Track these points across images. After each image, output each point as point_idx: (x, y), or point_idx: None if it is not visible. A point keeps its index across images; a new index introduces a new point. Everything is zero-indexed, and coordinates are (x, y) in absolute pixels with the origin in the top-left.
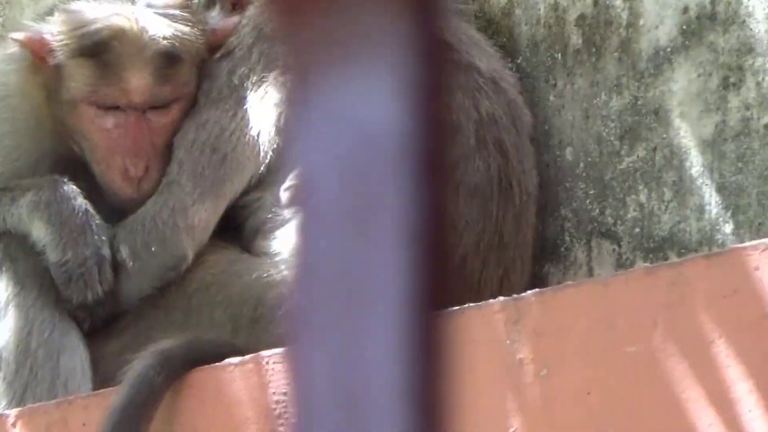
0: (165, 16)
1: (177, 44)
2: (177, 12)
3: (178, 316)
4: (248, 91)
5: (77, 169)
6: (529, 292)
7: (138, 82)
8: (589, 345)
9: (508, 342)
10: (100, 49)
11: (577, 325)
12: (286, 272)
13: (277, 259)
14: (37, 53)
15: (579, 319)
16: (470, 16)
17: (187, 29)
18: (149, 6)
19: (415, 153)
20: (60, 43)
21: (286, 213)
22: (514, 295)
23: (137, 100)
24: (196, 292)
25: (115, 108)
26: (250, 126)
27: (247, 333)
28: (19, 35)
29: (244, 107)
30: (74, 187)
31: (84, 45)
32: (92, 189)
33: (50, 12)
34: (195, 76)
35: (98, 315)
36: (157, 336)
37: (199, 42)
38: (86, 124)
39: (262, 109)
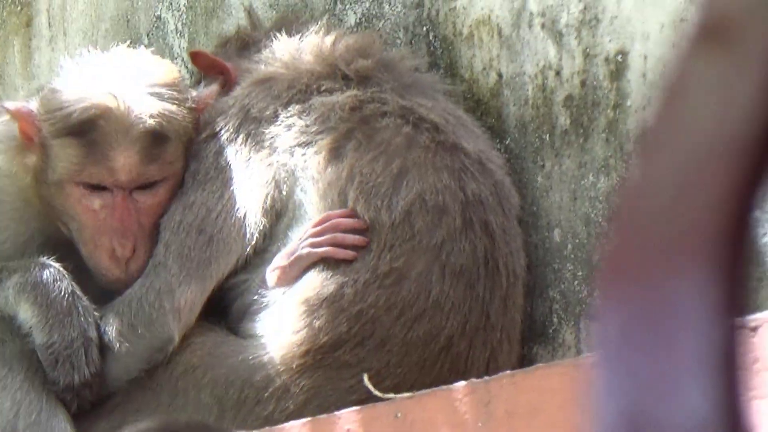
0: (152, 94)
1: (164, 123)
2: (164, 90)
3: (165, 398)
4: (235, 173)
5: (64, 249)
6: (500, 373)
7: (124, 161)
8: (560, 426)
9: (480, 424)
10: (85, 128)
11: (548, 407)
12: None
13: (263, 341)
14: (23, 128)
15: (550, 400)
16: (459, 97)
17: (174, 107)
18: (136, 85)
19: None
20: (46, 122)
21: (272, 295)
22: (485, 377)
23: (124, 179)
24: (182, 374)
25: (102, 188)
26: (236, 207)
27: (233, 415)
28: (10, 104)
29: (231, 189)
30: (61, 268)
31: (70, 124)
32: (79, 270)
33: (39, 91)
34: (182, 155)
35: (85, 397)
36: (145, 418)
37: (186, 120)
38: (73, 204)
39: (249, 190)
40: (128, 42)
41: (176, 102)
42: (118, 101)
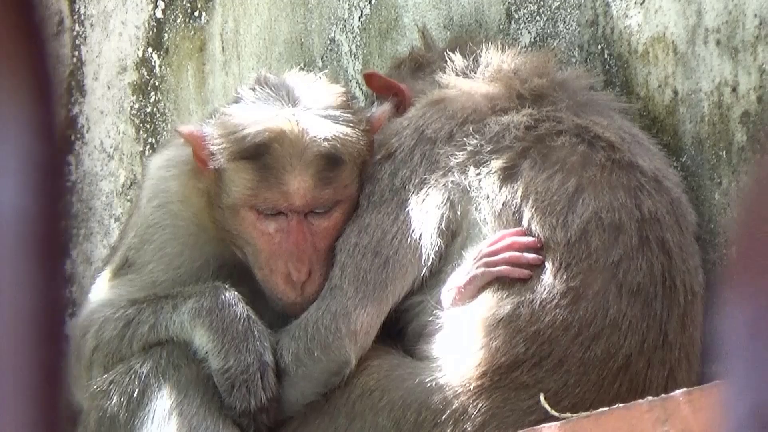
0: (326, 117)
1: (338, 146)
2: (338, 113)
3: (342, 422)
4: (410, 194)
5: (239, 274)
6: (677, 391)
7: (299, 185)
8: None
9: None
10: (260, 152)
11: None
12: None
13: (440, 362)
14: (197, 152)
15: None
16: (634, 115)
17: (348, 130)
18: (309, 108)
19: None
20: (220, 146)
21: (448, 315)
22: (662, 395)
23: (298, 203)
24: (359, 397)
25: (277, 212)
26: (411, 229)
27: None
28: (185, 128)
29: (406, 210)
30: (236, 293)
31: (243, 148)
32: (254, 294)
33: (213, 115)
34: (357, 178)
35: (262, 422)
36: None
37: (360, 143)
38: (248, 228)
39: (424, 211)
40: (302, 65)
41: (350, 124)
42: (292, 124)
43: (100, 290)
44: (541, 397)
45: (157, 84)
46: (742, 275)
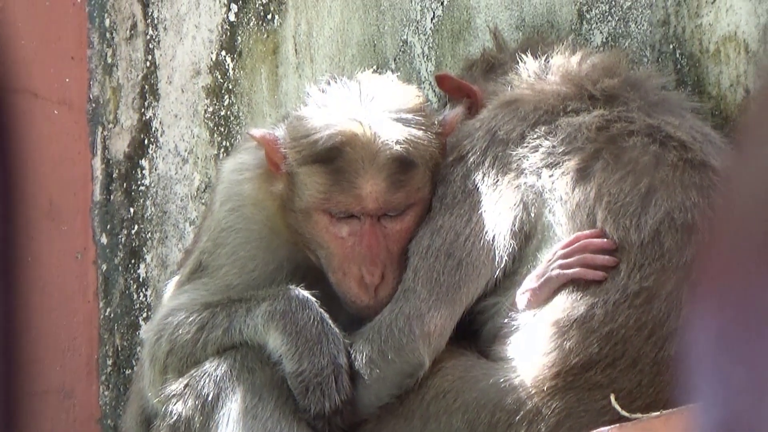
0: (398, 120)
1: (411, 149)
2: (410, 116)
3: (417, 424)
4: (483, 195)
5: (313, 277)
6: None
7: (372, 188)
8: None
9: None
10: (332, 156)
11: None
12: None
13: (514, 363)
14: (270, 155)
15: None
16: (706, 114)
17: (420, 133)
18: (382, 110)
19: None
20: (292, 150)
21: (522, 317)
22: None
23: (371, 206)
24: (433, 399)
25: (350, 216)
26: (485, 231)
27: None
28: (257, 131)
29: (479, 212)
30: (309, 296)
31: (316, 151)
32: (328, 297)
33: (285, 118)
34: (429, 181)
35: (336, 424)
36: None
37: (432, 146)
38: (321, 232)
39: (497, 213)
40: (375, 67)
41: (422, 127)
42: (364, 128)
43: (174, 294)
44: (612, 397)
45: (230, 87)
46: (706, 289)
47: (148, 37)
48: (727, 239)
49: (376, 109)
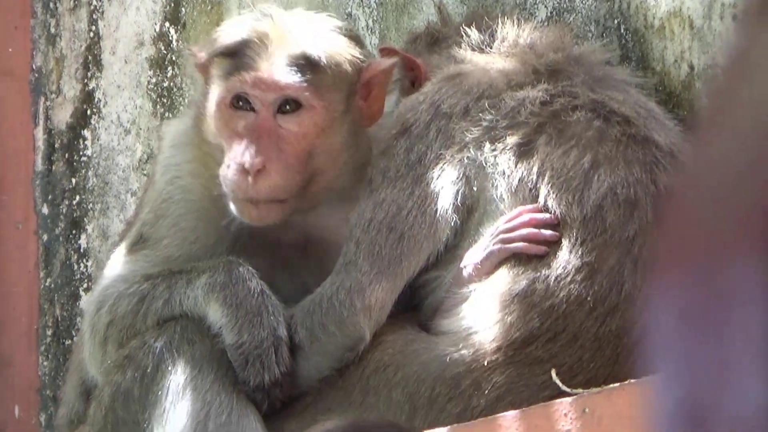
0: (315, 25)
1: (320, 50)
2: (331, 27)
3: (357, 397)
4: (426, 169)
5: (254, 249)
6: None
7: (271, 68)
8: None
9: None
10: (240, 47)
11: None
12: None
13: (455, 338)
14: (199, 65)
15: None
16: (650, 90)
17: (338, 44)
18: (300, 16)
19: None
20: (206, 53)
21: (463, 291)
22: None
23: (269, 88)
24: (374, 372)
25: (250, 111)
26: (427, 204)
27: (425, 412)
28: (198, 53)
29: (422, 185)
30: (250, 267)
31: (225, 44)
32: (270, 269)
33: None
34: (336, 100)
35: (276, 396)
36: (335, 417)
37: (348, 66)
38: (222, 129)
39: (440, 187)
40: None
41: (342, 42)
42: (277, 25)
43: (115, 266)
44: (553, 373)
45: (174, 59)
46: (668, 270)
47: (92, 7)
48: (689, 219)
49: (294, 13)
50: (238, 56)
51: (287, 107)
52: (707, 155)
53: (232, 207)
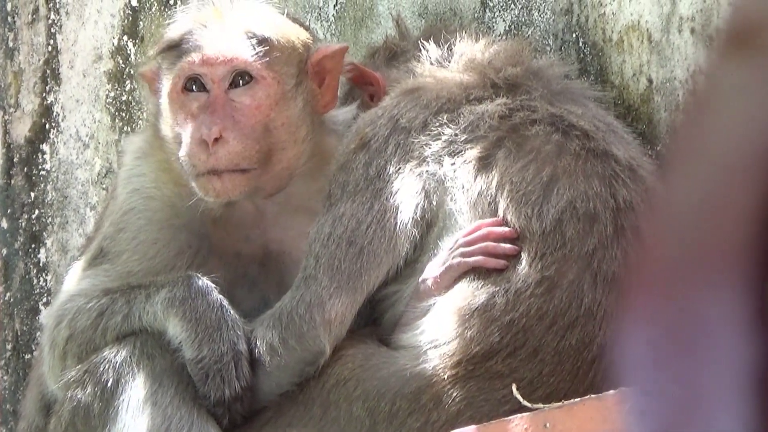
0: (263, 10)
1: (267, 26)
2: (273, 11)
3: (317, 411)
4: (385, 183)
5: (214, 263)
6: (588, 396)
7: (218, 45)
8: None
9: None
10: (185, 37)
11: None
12: None
13: (414, 352)
14: (151, 81)
15: None
16: (609, 104)
17: (283, 22)
18: (241, 3)
19: None
20: (157, 55)
21: (423, 305)
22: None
23: (218, 62)
24: (334, 386)
25: (201, 91)
26: (387, 218)
27: (385, 427)
28: (143, 69)
29: (381, 200)
30: (209, 282)
31: (170, 37)
32: (229, 283)
33: None
34: (290, 76)
35: (236, 411)
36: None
37: (296, 38)
38: (176, 115)
39: (399, 201)
40: None
41: (287, 23)
42: (218, 9)
43: (75, 280)
44: (513, 388)
45: (132, 72)
46: (640, 296)
47: (50, 21)
48: (660, 249)
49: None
50: (183, 43)
51: (240, 81)
52: (677, 185)
53: (195, 186)
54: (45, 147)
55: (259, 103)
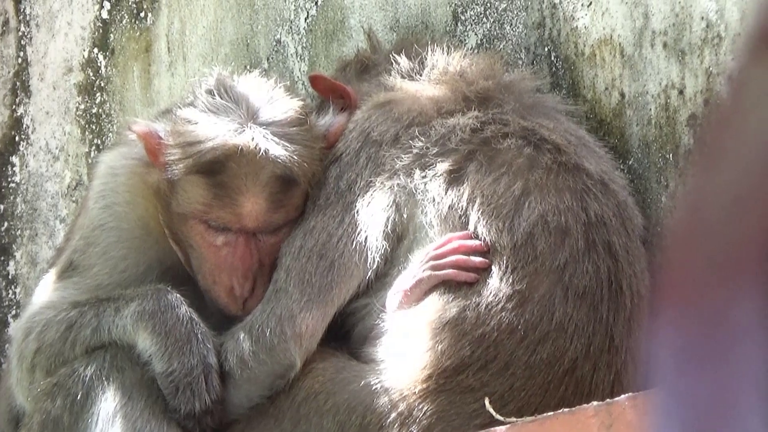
0: (283, 136)
1: (295, 168)
2: (295, 131)
3: (287, 425)
4: (356, 197)
5: (183, 276)
6: (622, 396)
7: (252, 207)
8: None
9: None
10: (215, 169)
11: None
12: None
13: (385, 365)
14: (150, 152)
15: None
16: (581, 118)
17: (305, 151)
18: (267, 124)
19: None
20: (175, 155)
21: (394, 319)
22: (607, 400)
23: (250, 225)
24: (304, 400)
25: (227, 227)
26: (357, 232)
27: None
28: (138, 126)
29: (352, 213)
30: (178, 295)
31: (200, 162)
32: (198, 296)
33: (167, 114)
34: (307, 194)
35: (207, 424)
36: None
37: (315, 164)
38: (195, 237)
39: (370, 214)
40: (248, 66)
41: (307, 143)
42: (249, 142)
43: (44, 292)
44: (486, 402)
45: (102, 85)
46: (670, 301)
47: (20, 33)
48: (688, 253)
49: (262, 122)
50: (212, 178)
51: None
52: (706, 190)
53: (210, 296)
54: (15, 159)
55: (284, 237)
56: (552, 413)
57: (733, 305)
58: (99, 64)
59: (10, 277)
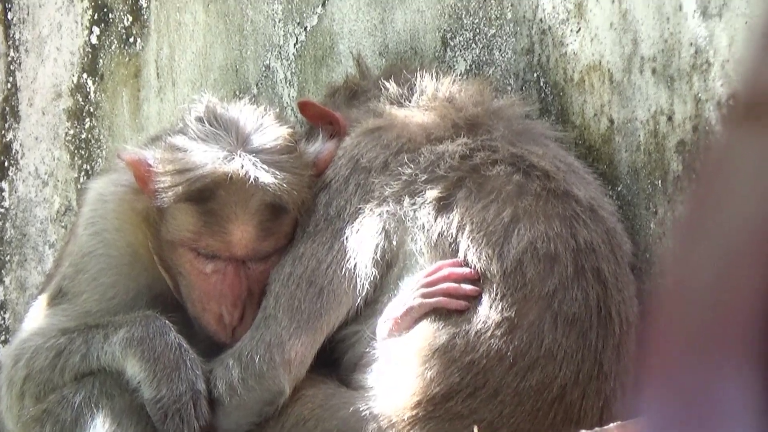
0: (273, 164)
1: (285, 196)
2: (285, 159)
3: None
4: (345, 223)
5: (172, 302)
6: (611, 424)
7: (242, 236)
8: None
9: None
10: (205, 197)
11: None
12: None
13: (374, 392)
14: (139, 179)
15: None
16: (570, 144)
17: (295, 179)
18: (256, 151)
19: None
20: (165, 184)
21: (384, 346)
22: (596, 428)
23: (240, 254)
24: (293, 426)
25: (216, 255)
26: (347, 258)
27: None
28: (127, 154)
29: (341, 240)
30: (167, 322)
31: (189, 190)
32: (186, 322)
33: (156, 141)
34: (297, 222)
35: None
36: None
37: (305, 191)
38: (184, 264)
39: (359, 241)
40: (237, 92)
41: (297, 171)
42: (239, 170)
43: (33, 319)
44: (475, 429)
45: (92, 110)
46: (656, 373)
47: (10, 58)
48: (673, 325)
49: (252, 150)
50: (202, 206)
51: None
52: (690, 261)
53: (198, 321)
54: (4, 184)
55: (273, 265)
56: None
57: (715, 384)
58: (88, 90)
59: None
